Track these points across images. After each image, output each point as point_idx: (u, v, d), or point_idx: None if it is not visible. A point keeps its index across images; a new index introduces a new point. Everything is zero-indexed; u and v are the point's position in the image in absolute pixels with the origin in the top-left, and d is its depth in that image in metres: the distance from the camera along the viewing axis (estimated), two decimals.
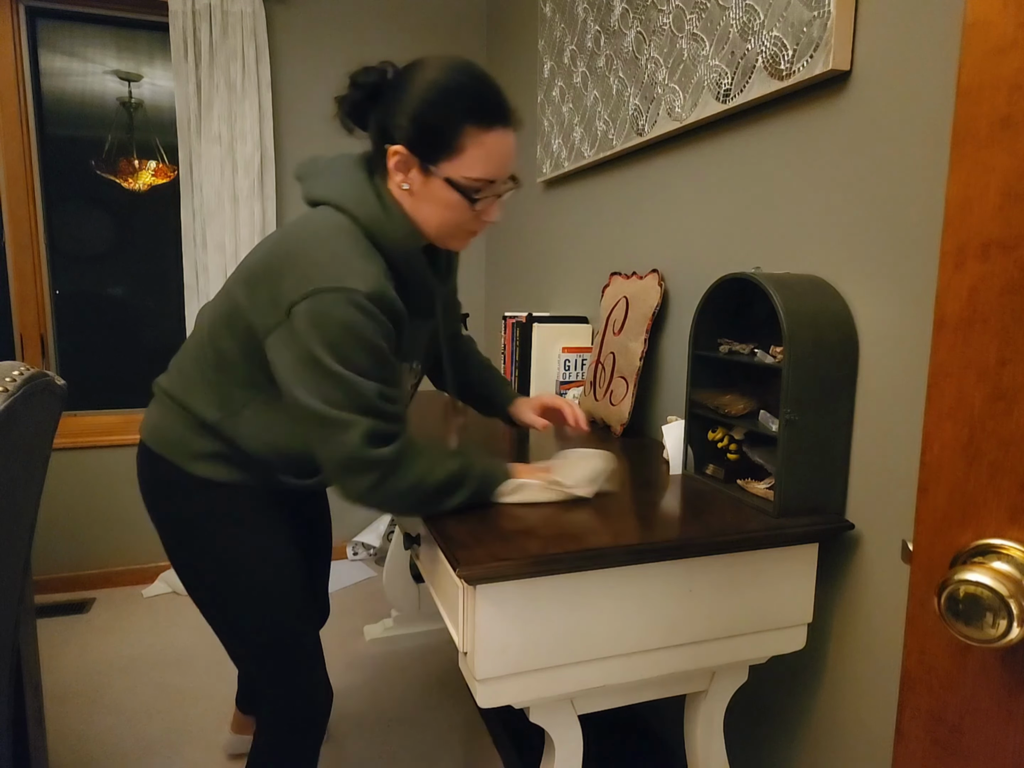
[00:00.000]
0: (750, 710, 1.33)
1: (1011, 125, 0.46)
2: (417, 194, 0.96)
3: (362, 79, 0.96)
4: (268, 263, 0.93)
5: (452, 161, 0.92)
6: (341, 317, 0.86)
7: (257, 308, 0.93)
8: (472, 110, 0.91)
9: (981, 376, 0.49)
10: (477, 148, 0.92)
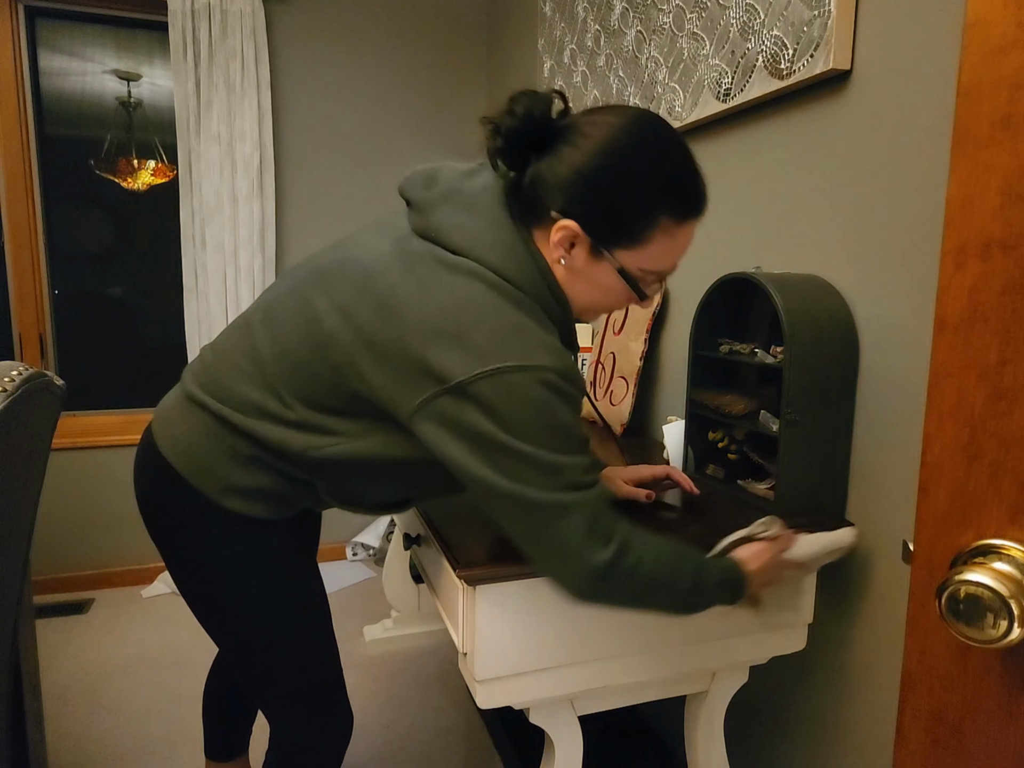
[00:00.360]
0: (750, 710, 1.33)
1: (1011, 125, 0.46)
2: (575, 272, 0.79)
3: (525, 109, 0.75)
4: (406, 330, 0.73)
5: (632, 251, 0.77)
6: (533, 398, 0.71)
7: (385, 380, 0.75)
8: (675, 202, 0.76)
9: (982, 376, 0.49)
10: (666, 241, 0.77)
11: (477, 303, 0.73)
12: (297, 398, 0.83)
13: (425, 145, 2.74)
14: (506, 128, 0.76)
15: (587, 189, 0.74)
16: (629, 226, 0.76)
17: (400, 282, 0.76)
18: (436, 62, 2.70)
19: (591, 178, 0.74)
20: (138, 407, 2.66)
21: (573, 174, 0.74)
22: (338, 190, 2.65)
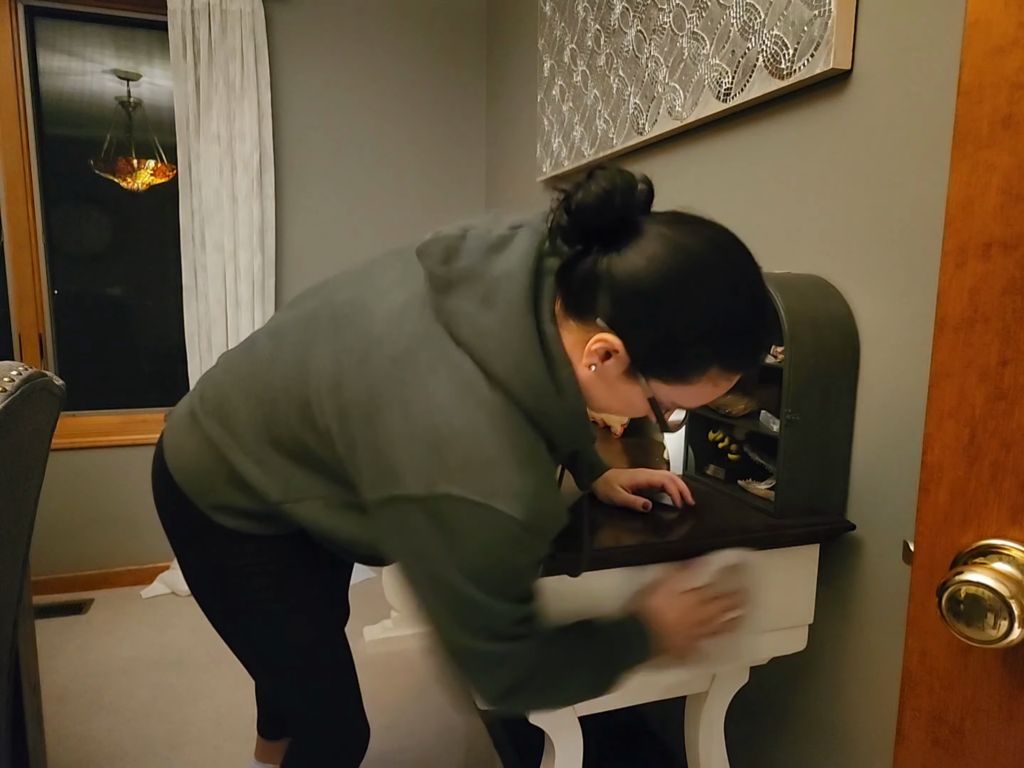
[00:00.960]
0: (751, 711, 1.33)
1: (1012, 124, 0.46)
2: (602, 380, 0.71)
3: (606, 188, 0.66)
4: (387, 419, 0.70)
5: (671, 386, 0.70)
6: (482, 539, 0.67)
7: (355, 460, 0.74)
8: (734, 355, 0.69)
9: (982, 376, 0.49)
10: (708, 386, 0.70)
11: (462, 417, 0.68)
12: (275, 447, 0.83)
13: (425, 144, 2.73)
14: (578, 203, 0.66)
15: (644, 311, 0.66)
16: (677, 365, 0.68)
17: (399, 360, 0.71)
18: (436, 62, 2.70)
19: (652, 300, 0.65)
20: (138, 407, 2.66)
21: (633, 287, 0.65)
22: (338, 190, 2.64)
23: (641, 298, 0.65)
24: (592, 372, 0.71)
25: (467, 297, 0.71)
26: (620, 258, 0.66)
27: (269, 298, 2.50)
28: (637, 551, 0.91)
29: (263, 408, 0.83)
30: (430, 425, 0.68)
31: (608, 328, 0.67)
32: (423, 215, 2.78)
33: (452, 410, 0.68)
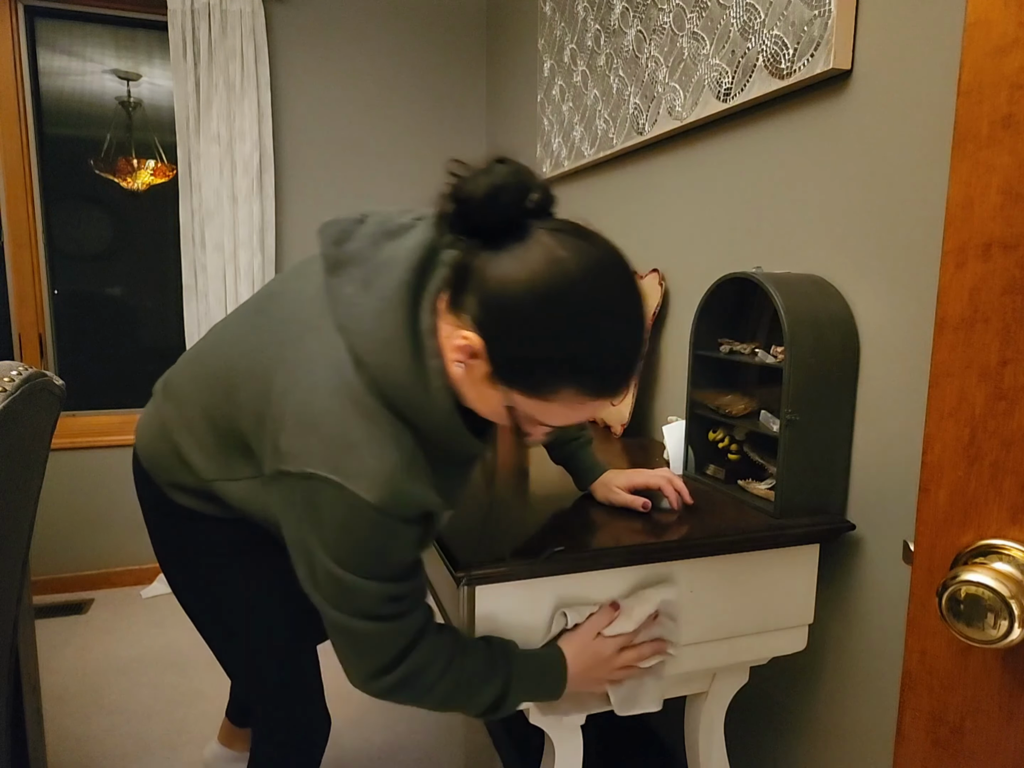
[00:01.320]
0: (751, 711, 1.33)
1: (1012, 124, 0.46)
2: (470, 379, 0.70)
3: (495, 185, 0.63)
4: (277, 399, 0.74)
5: (529, 399, 0.68)
6: (341, 519, 0.70)
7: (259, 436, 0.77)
8: (590, 381, 0.67)
9: (982, 376, 0.49)
10: (566, 407, 0.68)
11: (329, 400, 0.70)
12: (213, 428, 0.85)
13: (425, 144, 2.73)
14: (465, 194, 0.64)
15: (506, 320, 0.64)
16: (533, 379, 0.66)
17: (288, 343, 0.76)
18: (436, 62, 2.70)
19: (515, 311, 0.63)
20: (138, 407, 2.66)
21: (500, 293, 0.64)
22: (338, 190, 2.64)
23: (505, 307, 0.64)
24: (461, 371, 0.69)
25: (351, 280, 0.72)
26: (496, 260, 0.64)
27: None
28: (636, 551, 0.91)
29: (206, 392, 0.86)
30: (304, 405, 0.71)
31: (474, 328, 0.66)
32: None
33: (321, 392, 0.70)
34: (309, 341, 0.74)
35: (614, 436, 1.54)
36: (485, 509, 1.00)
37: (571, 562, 0.88)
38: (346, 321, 0.71)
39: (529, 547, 0.89)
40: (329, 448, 0.69)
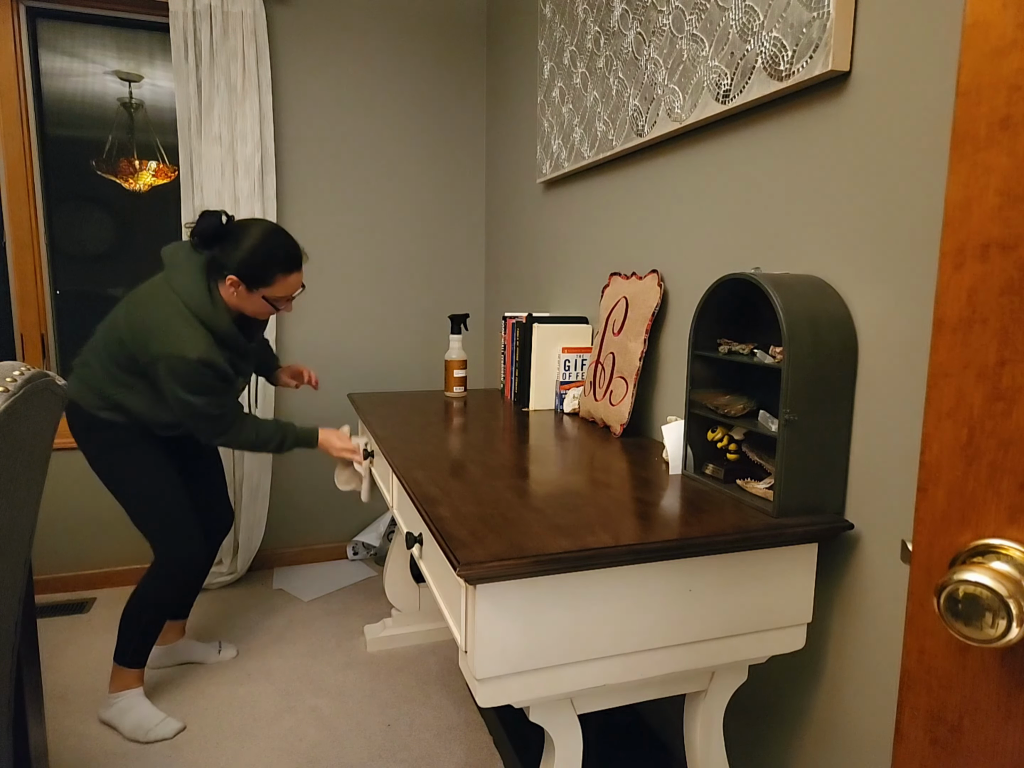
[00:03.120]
0: (750, 710, 1.33)
1: (1010, 126, 0.46)
2: (241, 298, 1.64)
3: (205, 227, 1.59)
4: (144, 328, 1.57)
5: (266, 289, 1.63)
6: (183, 372, 1.56)
7: (137, 349, 1.59)
8: (279, 266, 1.62)
9: (980, 376, 0.49)
10: (282, 283, 1.64)
11: (168, 317, 1.57)
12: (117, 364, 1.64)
13: (425, 145, 2.74)
14: (197, 234, 1.60)
15: (238, 264, 1.59)
16: (263, 280, 1.61)
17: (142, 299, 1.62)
18: (436, 63, 2.71)
19: (240, 258, 1.58)
20: None
21: (232, 257, 1.59)
22: (339, 191, 2.65)
23: (240, 261, 1.58)
24: (236, 297, 1.63)
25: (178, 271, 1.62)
26: (223, 250, 1.60)
27: None
28: (636, 550, 0.92)
29: (106, 344, 1.65)
30: (153, 324, 1.56)
31: (233, 275, 1.59)
32: (423, 216, 2.78)
33: (162, 316, 1.56)
34: (157, 296, 1.60)
35: (614, 436, 1.55)
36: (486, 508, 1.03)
37: (571, 562, 0.88)
38: (179, 289, 1.59)
39: (530, 547, 0.89)
40: (175, 339, 1.55)
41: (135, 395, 1.65)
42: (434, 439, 1.49)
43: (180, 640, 2.05)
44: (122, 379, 1.64)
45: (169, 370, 1.54)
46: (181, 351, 1.53)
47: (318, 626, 2.29)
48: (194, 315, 1.56)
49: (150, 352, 1.54)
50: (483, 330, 2.95)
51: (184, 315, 1.55)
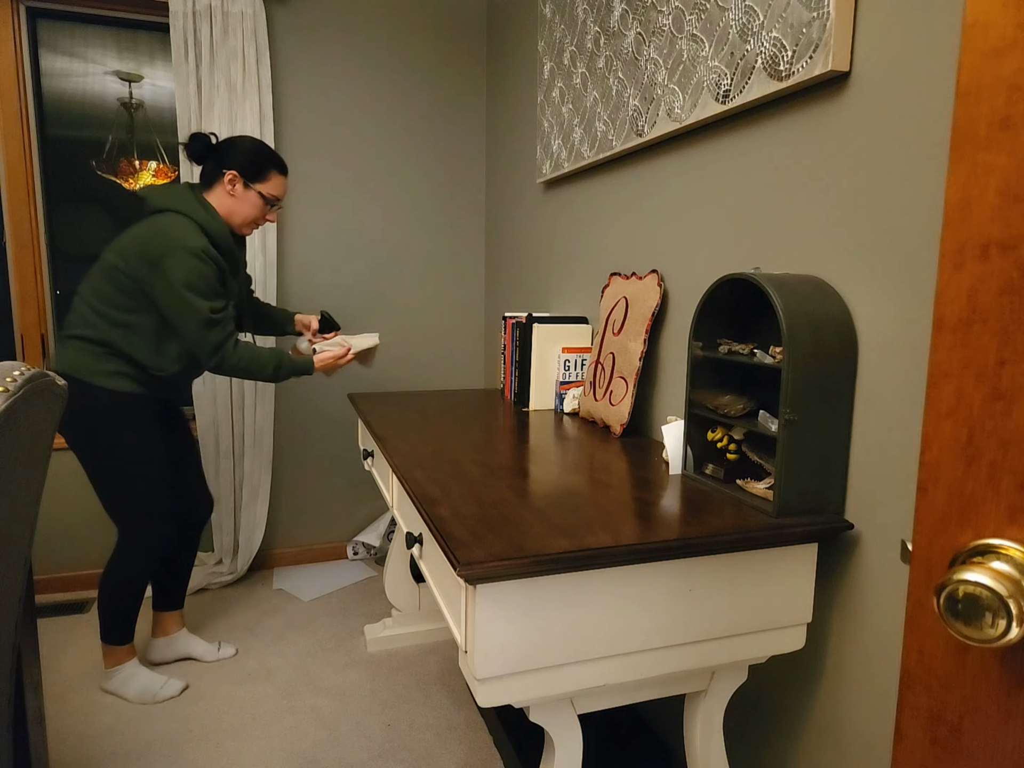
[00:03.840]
0: (750, 710, 1.33)
1: (1010, 126, 0.46)
2: (237, 198, 1.80)
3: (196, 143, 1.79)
4: (140, 240, 1.67)
5: (261, 184, 1.81)
6: (189, 266, 1.65)
7: (132, 266, 1.67)
8: (274, 163, 1.82)
9: (980, 376, 0.49)
10: (275, 181, 1.83)
11: (165, 225, 1.68)
12: (110, 307, 1.71)
13: (425, 145, 2.74)
14: (191, 151, 1.80)
15: (243, 159, 1.77)
16: (260, 174, 1.80)
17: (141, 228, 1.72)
18: (436, 63, 2.71)
19: (243, 157, 1.78)
20: None
21: (235, 156, 1.77)
22: (339, 190, 2.65)
23: (238, 159, 1.76)
24: (232, 196, 1.79)
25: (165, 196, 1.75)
26: (219, 153, 1.78)
27: (271, 298, 2.50)
28: (636, 550, 0.92)
29: (95, 291, 1.72)
30: (153, 232, 1.68)
31: (232, 169, 1.76)
32: (423, 215, 2.78)
33: (162, 225, 1.68)
34: (155, 221, 1.71)
35: (613, 436, 1.55)
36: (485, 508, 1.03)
37: (571, 561, 0.88)
38: (171, 203, 1.72)
39: (530, 547, 0.89)
40: (177, 237, 1.66)
41: (135, 335, 1.71)
42: (434, 439, 1.49)
43: (180, 632, 2.06)
44: (120, 319, 1.69)
45: (175, 265, 1.62)
46: (184, 242, 1.64)
47: (318, 626, 2.29)
48: (189, 218, 1.69)
49: (152, 254, 1.63)
50: (483, 330, 2.95)
51: (181, 220, 1.68)
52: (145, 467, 1.75)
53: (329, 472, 2.78)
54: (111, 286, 1.68)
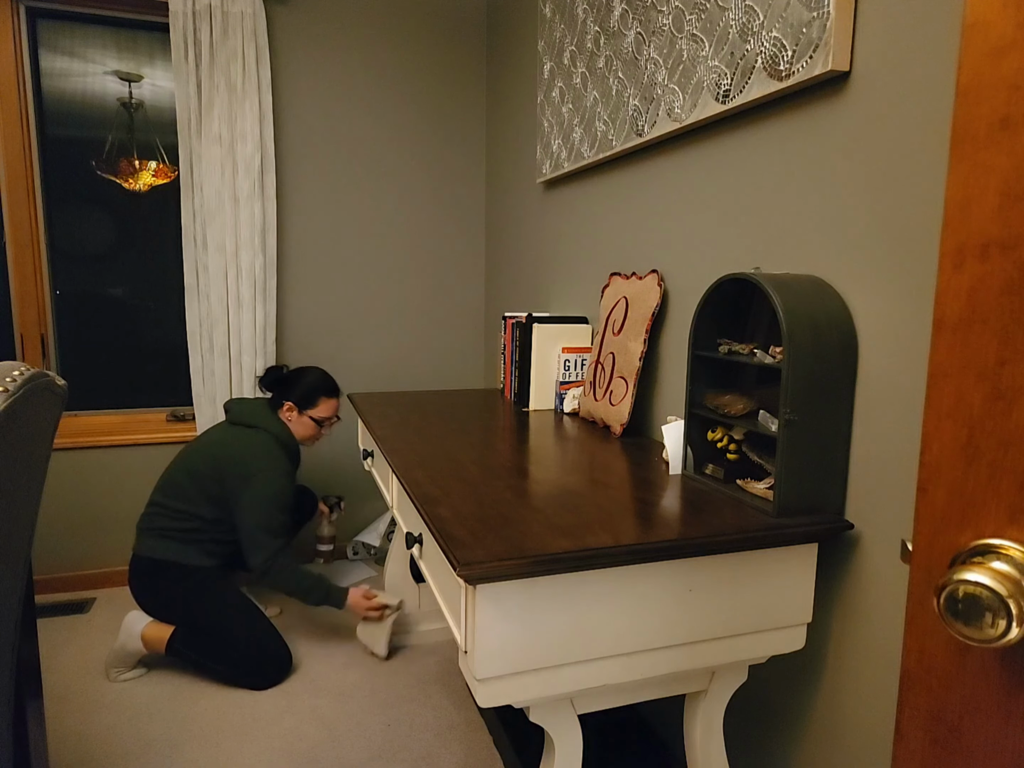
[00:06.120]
0: (750, 710, 1.33)
1: (1010, 126, 0.46)
2: (295, 421, 2.14)
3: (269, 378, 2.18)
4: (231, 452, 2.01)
5: (312, 410, 2.14)
6: (278, 479, 2.02)
7: (226, 473, 2.00)
8: (323, 391, 2.15)
9: (980, 376, 0.49)
10: (323, 406, 2.15)
11: (257, 443, 2.04)
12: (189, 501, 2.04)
13: (425, 145, 2.74)
14: (265, 382, 2.17)
15: (296, 393, 2.13)
16: (311, 402, 2.14)
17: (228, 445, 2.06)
18: (436, 63, 2.71)
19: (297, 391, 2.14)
20: (139, 407, 2.66)
21: (293, 390, 2.13)
22: (338, 191, 2.65)
23: (293, 390, 2.15)
24: (291, 420, 2.15)
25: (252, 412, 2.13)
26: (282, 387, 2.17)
27: (271, 298, 2.50)
28: (636, 550, 0.92)
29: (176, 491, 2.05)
30: (250, 447, 2.04)
31: (289, 400, 2.14)
32: (423, 215, 2.78)
33: (253, 443, 2.05)
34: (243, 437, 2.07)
35: (613, 436, 1.54)
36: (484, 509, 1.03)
37: (571, 562, 0.88)
38: (260, 422, 2.09)
39: (530, 547, 0.89)
40: (264, 462, 2.01)
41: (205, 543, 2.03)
42: (434, 439, 1.49)
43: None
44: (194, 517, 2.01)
45: (268, 481, 1.97)
46: (276, 462, 2.01)
47: (318, 626, 2.29)
48: (276, 438, 2.07)
49: (248, 469, 1.97)
50: (483, 330, 2.95)
51: (271, 440, 2.05)
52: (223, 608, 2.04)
53: (329, 472, 2.78)
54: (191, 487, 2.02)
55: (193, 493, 1.98)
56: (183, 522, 1.99)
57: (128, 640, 1.95)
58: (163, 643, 1.94)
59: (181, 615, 1.95)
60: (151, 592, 1.97)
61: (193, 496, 1.99)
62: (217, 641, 1.93)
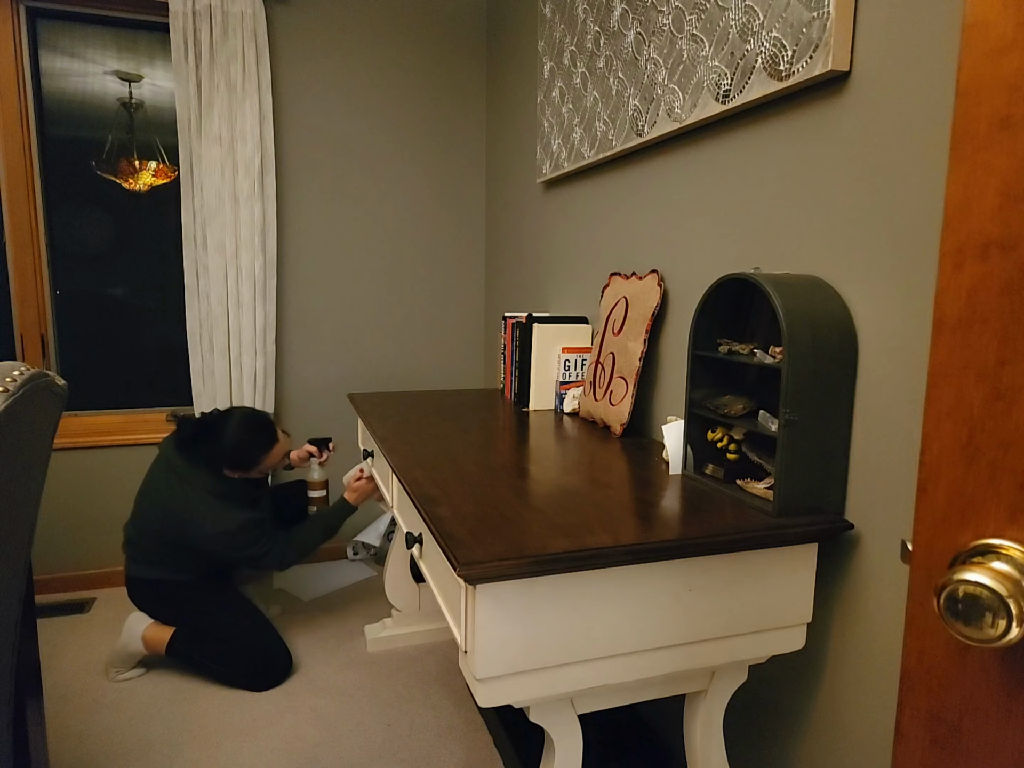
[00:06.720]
0: (750, 710, 1.33)
1: (1010, 126, 0.46)
2: (244, 477, 2.02)
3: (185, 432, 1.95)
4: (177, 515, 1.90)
5: (258, 467, 1.99)
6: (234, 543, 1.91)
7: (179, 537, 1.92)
8: (261, 447, 1.97)
9: (980, 376, 0.49)
10: (267, 457, 1.99)
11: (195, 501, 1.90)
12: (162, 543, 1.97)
13: (425, 145, 2.74)
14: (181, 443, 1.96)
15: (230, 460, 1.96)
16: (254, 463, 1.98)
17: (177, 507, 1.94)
18: (436, 63, 2.71)
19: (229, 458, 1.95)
20: (139, 407, 2.66)
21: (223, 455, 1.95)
22: (339, 191, 2.65)
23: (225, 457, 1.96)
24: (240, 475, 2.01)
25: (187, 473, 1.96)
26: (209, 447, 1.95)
27: (271, 298, 2.50)
28: (636, 550, 0.92)
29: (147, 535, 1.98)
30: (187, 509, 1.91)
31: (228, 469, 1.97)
32: (423, 215, 2.78)
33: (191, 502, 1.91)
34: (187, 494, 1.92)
35: (613, 436, 1.54)
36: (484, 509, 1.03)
37: (571, 562, 0.88)
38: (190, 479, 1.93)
39: (530, 547, 0.89)
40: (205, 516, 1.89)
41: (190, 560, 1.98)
42: (434, 439, 1.49)
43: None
44: (171, 553, 1.96)
45: (218, 521, 1.86)
46: (223, 513, 1.87)
47: (318, 626, 2.29)
48: (209, 493, 1.90)
49: (195, 520, 1.87)
50: (483, 330, 2.95)
51: (204, 499, 1.89)
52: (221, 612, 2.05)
53: (329, 472, 2.78)
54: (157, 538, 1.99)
55: (155, 545, 1.94)
56: (162, 556, 1.96)
57: (129, 641, 1.95)
58: (164, 644, 1.94)
59: (182, 617, 1.96)
60: (151, 601, 1.98)
61: (155, 548, 1.94)
62: (217, 642, 1.93)
